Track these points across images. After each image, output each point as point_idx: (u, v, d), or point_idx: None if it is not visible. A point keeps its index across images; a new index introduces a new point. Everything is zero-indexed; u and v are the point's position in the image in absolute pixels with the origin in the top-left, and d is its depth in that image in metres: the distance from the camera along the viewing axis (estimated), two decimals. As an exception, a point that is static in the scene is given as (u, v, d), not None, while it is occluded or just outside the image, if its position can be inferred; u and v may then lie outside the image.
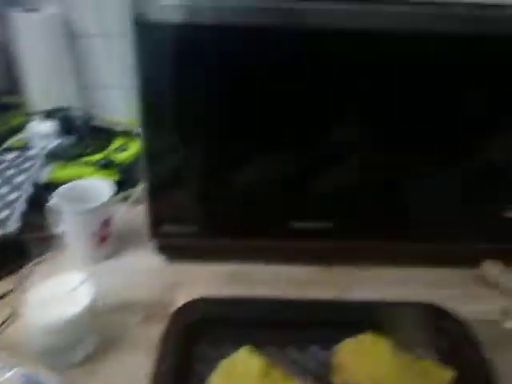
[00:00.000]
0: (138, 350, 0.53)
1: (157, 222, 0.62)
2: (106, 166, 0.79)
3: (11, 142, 0.85)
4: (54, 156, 0.80)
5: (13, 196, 0.69)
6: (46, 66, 0.92)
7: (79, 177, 0.68)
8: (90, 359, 0.52)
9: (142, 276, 0.64)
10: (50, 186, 0.74)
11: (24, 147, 0.83)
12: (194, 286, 0.61)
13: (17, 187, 0.70)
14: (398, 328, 0.49)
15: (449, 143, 0.57)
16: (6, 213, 0.66)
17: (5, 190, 0.70)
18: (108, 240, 0.67)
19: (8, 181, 0.71)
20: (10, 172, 0.73)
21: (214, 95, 0.55)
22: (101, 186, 0.67)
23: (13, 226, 0.64)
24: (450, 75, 0.53)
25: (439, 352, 0.50)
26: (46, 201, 0.71)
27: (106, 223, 0.66)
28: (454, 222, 0.63)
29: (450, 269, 0.65)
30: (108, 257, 0.67)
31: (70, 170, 0.77)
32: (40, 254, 0.68)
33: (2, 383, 0.45)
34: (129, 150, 0.83)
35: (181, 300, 0.59)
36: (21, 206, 0.67)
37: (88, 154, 0.81)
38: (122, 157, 0.81)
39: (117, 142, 0.84)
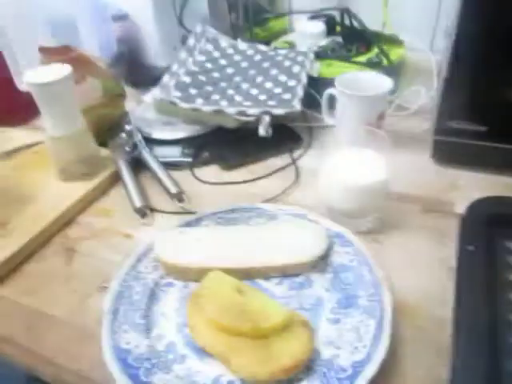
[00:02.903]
0: (418, 235, 0.54)
1: (446, 115, 0.58)
2: (372, 66, 0.77)
3: (279, 42, 0.91)
4: (319, 55, 0.82)
5: (291, 83, 0.74)
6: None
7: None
8: (373, 232, 0.54)
9: (417, 174, 0.63)
10: (319, 81, 0.77)
11: (291, 46, 0.87)
12: (471, 191, 0.57)
13: (294, 76, 0.75)
14: None
15: None
16: (288, 95, 0.71)
17: (283, 77, 0.75)
18: (371, 142, 0.66)
19: (286, 71, 0.76)
20: (287, 63, 0.77)
21: None
22: (379, 80, 0.66)
23: (297, 106, 0.68)
24: None
25: None
26: (318, 92, 0.75)
27: (381, 116, 0.65)
28: None
29: None
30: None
31: (335, 68, 0.79)
32: (310, 143, 0.72)
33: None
34: (391, 55, 0.79)
35: (458, 201, 0.57)
36: (300, 92, 0.72)
37: (352, 56, 0.81)
38: (384, 60, 0.79)
39: (379, 46, 0.81)
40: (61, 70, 0.59)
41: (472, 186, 0.60)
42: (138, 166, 0.68)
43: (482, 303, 0.40)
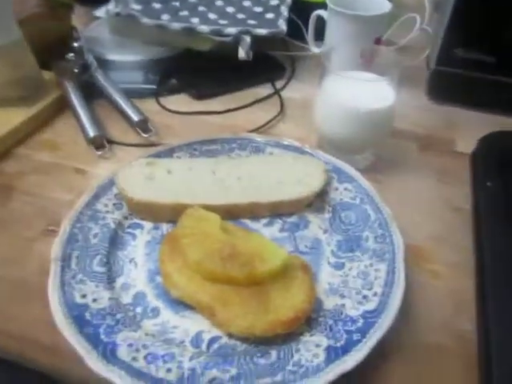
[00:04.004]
0: (418, 174, 0.48)
1: (452, 42, 0.52)
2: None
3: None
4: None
5: (273, 2, 0.64)
6: None
7: None
8: (371, 171, 0.47)
9: (411, 112, 0.56)
10: (303, 6, 0.67)
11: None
12: (470, 130, 0.52)
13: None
14: None
15: None
16: (271, 15, 0.61)
17: (264, -4, 0.64)
18: (372, 64, 0.58)
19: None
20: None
21: None
22: (376, 1, 0.57)
23: (282, 26, 0.59)
24: None
25: None
26: (301, 19, 0.65)
27: (378, 42, 0.57)
28: None
29: None
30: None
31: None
32: (293, 73, 0.63)
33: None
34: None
35: (458, 140, 0.51)
36: (285, 12, 0.62)
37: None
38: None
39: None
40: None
41: (471, 125, 0.54)
42: (89, 92, 0.56)
43: (507, 244, 0.35)
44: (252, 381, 0.28)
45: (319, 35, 0.63)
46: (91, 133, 0.49)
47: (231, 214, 0.40)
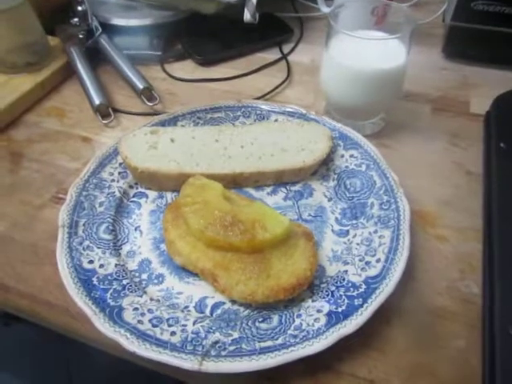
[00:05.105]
0: (430, 137, 0.47)
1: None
2: None
3: None
4: None
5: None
6: None
7: None
8: (380, 136, 0.46)
9: (425, 71, 0.55)
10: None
11: None
12: (487, 89, 0.50)
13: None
14: None
15: None
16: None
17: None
18: (385, 22, 0.56)
19: None
20: None
21: None
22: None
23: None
24: None
25: None
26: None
27: None
28: None
29: None
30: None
31: None
32: (301, 35, 0.61)
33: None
34: None
35: (473, 100, 0.50)
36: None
37: None
38: None
39: None
40: None
41: (488, 84, 0.52)
42: (95, 58, 0.55)
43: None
44: (253, 344, 0.29)
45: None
46: (97, 101, 0.49)
47: (235, 182, 0.40)
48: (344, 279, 0.33)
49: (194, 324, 0.31)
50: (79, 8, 0.57)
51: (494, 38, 0.52)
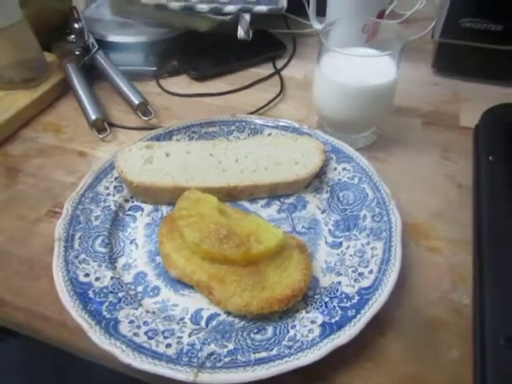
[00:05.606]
0: (421, 150, 0.48)
1: (457, 13, 0.51)
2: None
3: None
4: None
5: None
6: None
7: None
8: (372, 149, 0.47)
9: (416, 86, 0.56)
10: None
11: None
12: (477, 104, 0.51)
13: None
14: None
15: None
16: (271, -8, 0.60)
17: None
18: (375, 39, 0.57)
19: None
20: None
21: None
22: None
23: (282, 2, 0.58)
24: None
25: None
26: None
27: (380, 16, 0.56)
28: None
29: None
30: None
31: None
32: (294, 51, 0.63)
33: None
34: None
35: (464, 114, 0.51)
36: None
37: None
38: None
39: None
40: None
41: (478, 98, 0.54)
42: (91, 74, 0.56)
43: (507, 219, 0.35)
44: (249, 355, 0.29)
45: (321, 10, 0.61)
46: (93, 116, 0.49)
47: (230, 195, 0.40)
48: (337, 290, 0.33)
49: (189, 336, 0.31)
50: (76, 25, 0.58)
51: (483, 54, 0.53)
